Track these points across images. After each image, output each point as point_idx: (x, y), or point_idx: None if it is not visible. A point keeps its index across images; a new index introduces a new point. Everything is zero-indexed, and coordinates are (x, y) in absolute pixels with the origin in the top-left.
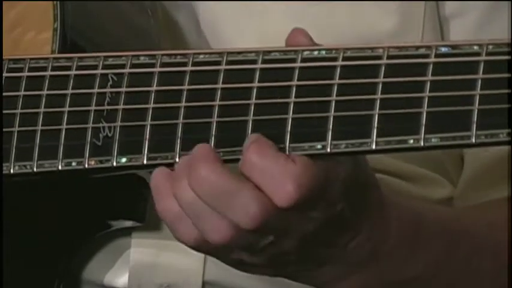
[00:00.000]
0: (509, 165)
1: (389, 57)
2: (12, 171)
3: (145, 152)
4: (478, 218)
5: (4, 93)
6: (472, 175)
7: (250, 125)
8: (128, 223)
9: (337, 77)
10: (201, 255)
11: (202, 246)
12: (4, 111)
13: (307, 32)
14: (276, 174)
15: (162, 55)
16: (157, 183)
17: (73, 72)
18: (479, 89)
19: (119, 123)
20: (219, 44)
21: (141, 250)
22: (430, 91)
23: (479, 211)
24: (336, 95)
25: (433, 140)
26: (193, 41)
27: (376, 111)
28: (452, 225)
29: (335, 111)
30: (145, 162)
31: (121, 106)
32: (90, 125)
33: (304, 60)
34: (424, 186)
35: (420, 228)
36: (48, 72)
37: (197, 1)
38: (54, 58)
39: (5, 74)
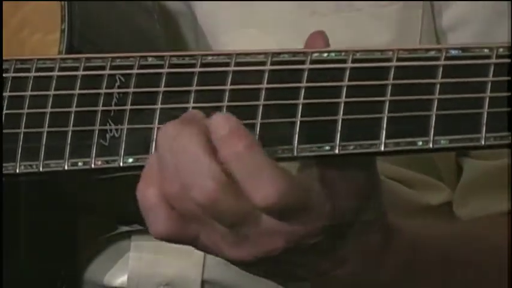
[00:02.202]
0: (509, 173)
1: (399, 59)
2: (18, 170)
3: (152, 152)
4: (480, 244)
5: (11, 93)
6: (471, 181)
7: (259, 126)
8: (128, 226)
9: (346, 79)
10: (201, 254)
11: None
12: (11, 111)
13: (326, 35)
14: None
15: (171, 56)
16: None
17: (80, 72)
18: (489, 91)
19: (126, 124)
20: None
21: (140, 251)
22: (439, 93)
23: (482, 229)
24: (345, 97)
25: (442, 141)
26: (192, 49)
27: (385, 113)
28: (451, 253)
29: (344, 113)
30: None
31: (128, 107)
32: (97, 125)
33: (313, 62)
34: (423, 191)
35: (416, 258)
36: (55, 73)
37: (196, 2)
38: (62, 59)
39: (12, 74)
